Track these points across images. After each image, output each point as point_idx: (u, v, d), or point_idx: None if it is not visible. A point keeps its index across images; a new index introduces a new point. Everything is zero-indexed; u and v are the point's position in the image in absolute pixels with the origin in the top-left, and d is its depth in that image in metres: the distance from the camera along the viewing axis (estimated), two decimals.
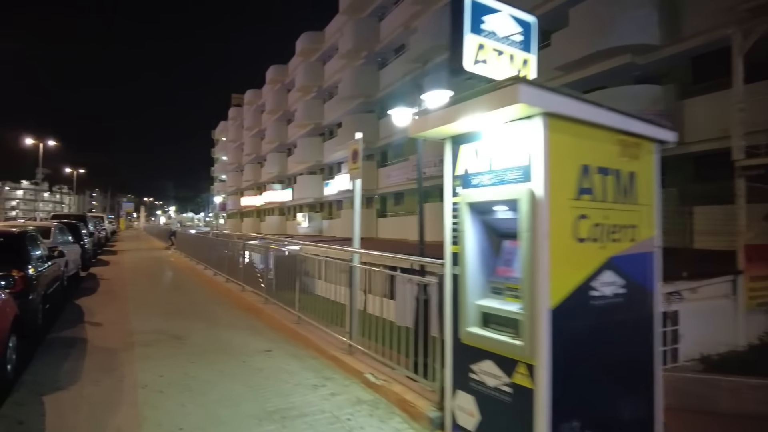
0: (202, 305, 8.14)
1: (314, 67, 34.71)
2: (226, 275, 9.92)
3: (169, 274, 12.95)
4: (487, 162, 2.88)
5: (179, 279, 11.82)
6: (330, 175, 34.13)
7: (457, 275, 3.08)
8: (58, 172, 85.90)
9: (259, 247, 9.09)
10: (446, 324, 3.18)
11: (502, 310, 2.83)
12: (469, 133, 3.02)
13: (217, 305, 8.11)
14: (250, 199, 48.80)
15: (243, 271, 8.86)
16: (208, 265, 12.03)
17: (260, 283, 7.87)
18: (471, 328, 2.96)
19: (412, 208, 24.60)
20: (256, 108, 48.59)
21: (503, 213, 2.89)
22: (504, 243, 3.04)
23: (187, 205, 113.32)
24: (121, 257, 18.72)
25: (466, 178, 3.05)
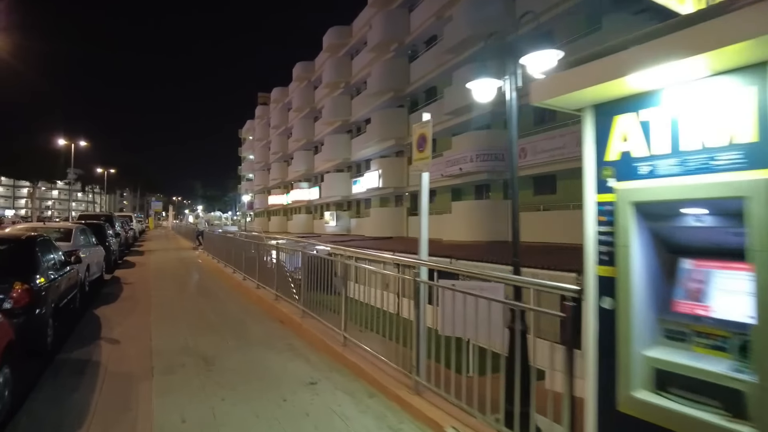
0: (233, 316, 7.31)
1: (342, 63, 33.90)
2: (256, 280, 9.10)
3: (196, 278, 12.24)
4: (669, 139, 1.88)
5: (206, 283, 11.08)
6: (358, 172, 33.33)
7: (612, 311, 2.07)
8: (90, 173, 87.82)
9: (292, 250, 8.22)
10: (589, 381, 2.18)
11: (695, 369, 1.81)
12: (634, 96, 2.01)
13: (248, 316, 7.27)
14: (277, 198, 48.43)
15: (276, 276, 8.00)
16: (237, 268, 11.26)
17: (295, 293, 6.99)
18: (637, 393, 1.95)
19: (443, 206, 23.54)
20: (282, 106, 48.15)
21: (694, 218, 1.88)
22: (681, 263, 2.02)
23: (215, 204, 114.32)
24: (148, 258, 18.22)
25: (627, 165, 2.04)
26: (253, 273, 9.50)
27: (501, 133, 19.21)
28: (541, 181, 18.56)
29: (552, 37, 16.55)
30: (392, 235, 26.07)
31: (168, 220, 70.72)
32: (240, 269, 10.89)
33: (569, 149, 16.03)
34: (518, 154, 19.74)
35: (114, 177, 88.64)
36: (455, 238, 19.84)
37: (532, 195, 18.98)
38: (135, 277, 12.24)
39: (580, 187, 2.21)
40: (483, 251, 14.76)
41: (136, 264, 15.71)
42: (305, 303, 6.47)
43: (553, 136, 16.62)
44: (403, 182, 25.91)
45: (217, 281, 11.38)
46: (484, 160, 18.77)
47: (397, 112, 26.48)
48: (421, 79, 24.55)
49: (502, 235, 18.86)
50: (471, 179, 20.34)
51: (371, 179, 27.10)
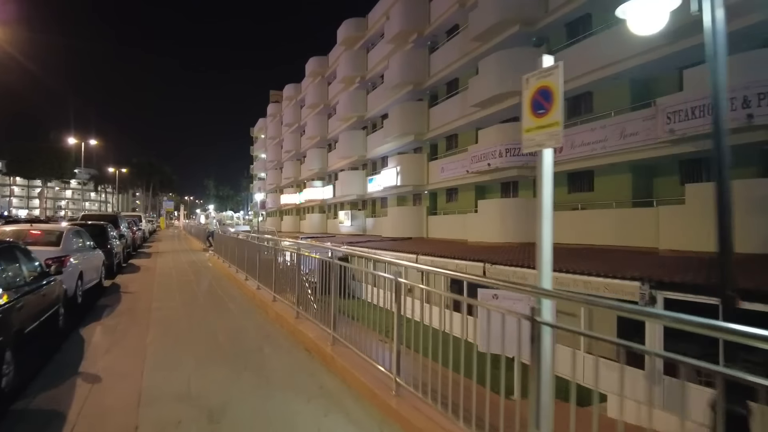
0: (248, 340, 6.02)
1: (357, 56, 32.61)
2: (273, 292, 7.83)
3: (205, 286, 11.00)
4: None
5: (216, 293, 9.84)
6: (374, 170, 32.03)
7: None
8: (103, 172, 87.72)
9: (318, 256, 6.92)
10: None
11: None
12: None
13: (267, 340, 5.96)
14: (289, 197, 47.32)
15: (297, 290, 6.71)
16: (250, 275, 10.02)
17: (323, 311, 5.70)
18: None
19: (467, 205, 22.17)
20: (295, 103, 47.03)
21: None
22: None
23: (227, 204, 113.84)
24: (155, 261, 17.10)
25: None
26: (268, 281, 8.25)
27: None
28: (576, 177, 17.10)
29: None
30: (411, 236, 24.74)
31: (180, 219, 70.09)
32: (253, 276, 9.65)
33: (612, 142, 14.57)
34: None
35: (126, 177, 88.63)
36: (482, 239, 18.46)
37: (566, 193, 17.54)
38: (138, 284, 11.05)
39: (620, 184, 1.00)
40: (521, 255, 13.37)
41: (141, 268, 14.57)
42: (335, 326, 5.18)
43: (593, 128, 15.16)
44: (423, 180, 24.54)
45: (227, 290, 10.14)
46: (514, 154, 17.35)
47: (417, 105, 25.10)
48: (443, 70, 23.16)
49: (533, 236, 17.40)
50: (498, 176, 18.93)
51: (389, 177, 25.78)
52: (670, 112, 12.19)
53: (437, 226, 23.80)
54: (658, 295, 8.86)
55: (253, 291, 9.00)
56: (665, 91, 13.85)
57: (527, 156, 17.22)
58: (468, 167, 19.30)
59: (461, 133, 22.79)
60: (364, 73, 32.13)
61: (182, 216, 70.48)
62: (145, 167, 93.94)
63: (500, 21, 17.77)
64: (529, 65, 3.71)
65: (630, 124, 13.96)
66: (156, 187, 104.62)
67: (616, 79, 15.27)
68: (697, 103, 11.51)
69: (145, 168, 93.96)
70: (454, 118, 22.12)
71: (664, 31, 4.01)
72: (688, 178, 13.84)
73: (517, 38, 18.13)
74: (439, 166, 23.18)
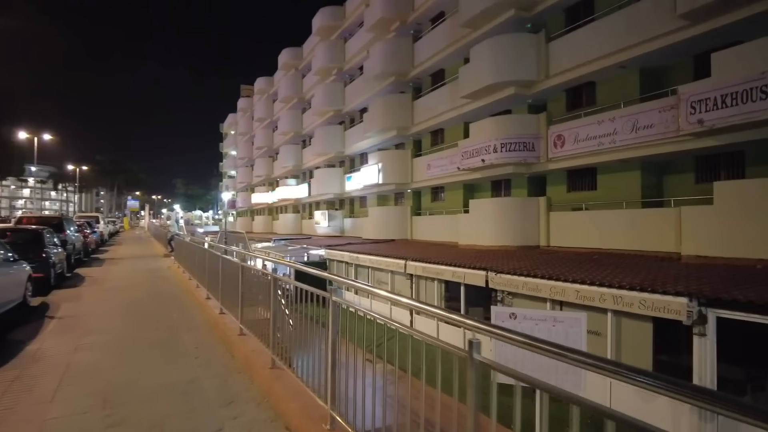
0: (201, 412, 4.13)
1: (334, 47, 30.69)
2: (239, 321, 5.97)
3: (157, 307, 8.93)
4: None
5: (169, 319, 7.84)
6: (352, 167, 30.22)
7: None
8: (63, 170, 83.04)
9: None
10: None
11: None
12: None
13: (229, 416, 4.06)
14: (261, 196, 45.00)
15: (273, 327, 4.80)
16: (212, 293, 8.13)
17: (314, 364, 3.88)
18: None
19: (454, 205, 20.62)
20: (267, 97, 44.76)
21: None
22: None
23: (196, 203, 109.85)
24: (107, 270, 14.93)
25: None
26: (233, 305, 6.37)
27: (530, 118, 16.32)
28: (576, 175, 15.71)
29: None
30: (395, 238, 23.05)
31: (145, 219, 66.67)
32: (215, 295, 7.76)
33: (622, 136, 13.18)
34: (553, 143, 16.96)
35: (90, 175, 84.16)
36: (475, 242, 16.90)
37: (565, 192, 16.14)
38: (74, 304, 9.00)
39: (628, 183, 0.38)
40: (526, 261, 11.81)
41: (87, 280, 12.44)
42: (333, 396, 3.38)
43: (600, 121, 13.75)
44: (407, 178, 22.86)
45: (185, 313, 8.20)
46: (511, 149, 15.83)
47: (400, 98, 23.36)
48: (428, 60, 21.50)
49: (532, 239, 16.00)
50: (492, 173, 17.40)
51: (369, 175, 24.00)
52: (695, 101, 10.81)
53: (423, 228, 22.17)
54: (709, 313, 7.38)
55: (215, 317, 7.10)
56: (679, 81, 12.56)
57: (526, 151, 15.76)
58: (459, 164, 17.70)
59: (449, 128, 21.22)
60: (342, 64, 30.26)
61: (147, 216, 66.94)
62: (110, 165, 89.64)
63: (493, 5, 16.22)
64: (525, 53, 2.60)
65: (644, 116, 12.57)
66: (122, 186, 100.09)
67: (623, 68, 13.89)
68: (730, 90, 10.14)
69: (110, 166, 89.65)
70: (441, 111, 20.51)
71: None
72: (705, 176, 12.56)
73: (511, 24, 16.62)
74: (425, 163, 21.53)
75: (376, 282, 17.14)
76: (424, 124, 21.90)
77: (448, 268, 12.33)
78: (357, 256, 17.71)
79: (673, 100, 11.76)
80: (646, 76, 13.77)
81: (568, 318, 7.75)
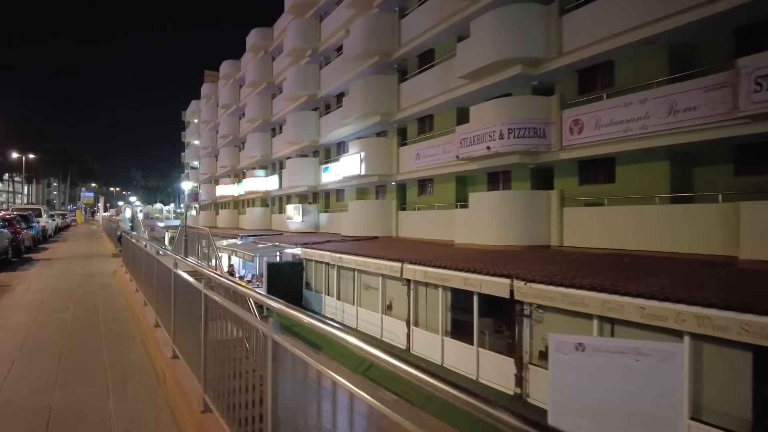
0: None
1: (308, 25, 28.12)
2: (200, 384, 3.64)
3: (85, 340, 6.35)
4: None
5: (96, 363, 5.34)
6: (327, 157, 27.80)
7: None
8: (6, 158, 76.87)
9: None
10: None
11: None
12: None
13: None
14: (226, 188, 41.92)
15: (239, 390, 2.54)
16: (161, 318, 5.72)
17: None
18: None
19: (444, 199, 18.61)
20: (233, 82, 41.62)
21: None
22: None
23: (157, 195, 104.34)
24: (38, 273, 12.19)
25: None
26: (190, 351, 4.04)
27: (540, 100, 14.38)
28: (590, 166, 13.91)
29: None
30: (378, 235, 20.85)
31: (100, 213, 62.12)
32: (166, 324, 5.35)
33: (656, 120, 11.37)
34: (569, 129, 15.07)
35: (38, 164, 78.18)
36: (474, 240, 14.90)
37: (576, 185, 14.32)
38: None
39: (654, 175, 0.49)
40: (551, 265, 9.81)
41: (6, 290, 9.71)
42: None
43: (628, 103, 11.91)
44: (392, 169, 20.65)
45: (122, 349, 5.75)
46: (519, 135, 13.86)
47: (384, 80, 21.05)
48: (416, 38, 19.31)
49: (541, 238, 14.11)
50: (489, 164, 15.41)
51: (350, 165, 21.65)
52: (762, 75, 9.03)
53: (410, 224, 20.05)
54: None
55: (164, 362, 4.70)
56: (712, 60, 10.91)
57: (536, 137, 13.82)
58: (457, 152, 15.60)
59: (439, 114, 19.13)
60: (317, 44, 27.73)
61: (101, 209, 62.40)
62: (61, 155, 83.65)
63: None
64: (535, 27, 1.31)
65: (685, 96, 10.77)
66: (75, 177, 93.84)
67: (649, 44, 12.09)
68: None
69: (61, 155, 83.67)
70: (431, 95, 18.37)
71: None
72: (749, 167, 10.89)
73: None
74: (413, 152, 19.37)
75: (364, 287, 14.92)
76: (411, 109, 19.73)
77: (458, 274, 10.22)
78: (340, 256, 15.43)
79: (724, 77, 9.99)
80: (676, 53, 12.02)
81: (657, 351, 5.68)
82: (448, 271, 10.47)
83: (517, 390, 9.52)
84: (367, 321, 14.49)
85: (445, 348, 11.31)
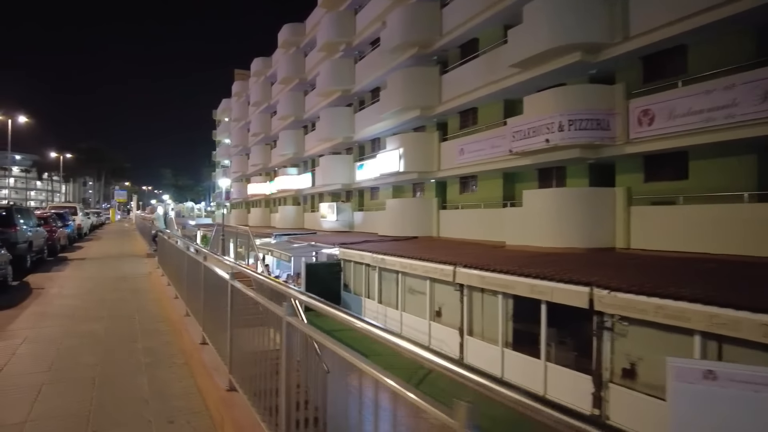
0: None
1: (342, 18, 27.27)
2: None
3: (116, 370, 5.39)
4: None
5: (134, 407, 4.50)
6: (361, 155, 26.96)
7: None
8: (45, 158, 78.92)
9: None
10: None
11: None
12: None
13: None
14: (258, 187, 41.57)
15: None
16: (210, 335, 4.88)
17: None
18: None
19: (489, 197, 17.53)
20: (264, 79, 41.20)
21: None
22: None
23: (187, 194, 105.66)
24: (69, 276, 11.68)
25: None
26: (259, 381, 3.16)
27: (603, 89, 13.16)
28: (658, 162, 12.64)
29: None
30: (417, 235, 19.88)
31: (132, 211, 62.94)
32: (217, 341, 4.51)
33: (745, 108, 10.07)
34: (637, 120, 13.79)
35: (74, 163, 79.93)
36: (529, 242, 13.78)
37: (641, 182, 13.06)
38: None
39: (738, 170, 0.54)
40: (629, 270, 8.66)
41: (31, 295, 9.12)
42: None
43: (710, 90, 10.62)
44: (433, 165, 19.64)
45: (163, 372, 4.94)
46: (580, 127, 12.68)
47: (425, 72, 19.99)
48: (459, 27, 18.25)
49: (604, 239, 12.90)
50: (542, 159, 14.26)
51: (388, 162, 20.73)
52: None
53: (452, 223, 18.99)
54: None
55: (219, 397, 3.84)
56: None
57: (599, 130, 12.62)
58: (510, 146, 14.48)
59: (483, 106, 18.03)
60: (351, 38, 26.87)
61: (135, 207, 63.22)
62: (94, 154, 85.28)
63: None
64: (597, 10, 0.69)
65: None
66: (108, 176, 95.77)
67: (733, 24, 10.77)
68: None
69: (94, 154, 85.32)
70: (476, 87, 17.27)
71: None
72: None
73: None
74: (456, 147, 18.31)
75: (409, 290, 13.99)
76: (453, 102, 18.67)
77: (524, 281, 9.17)
78: (382, 257, 14.52)
79: None
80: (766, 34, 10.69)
81: None
82: (512, 277, 9.42)
83: (595, 411, 8.44)
84: (412, 327, 13.54)
85: (506, 360, 10.27)
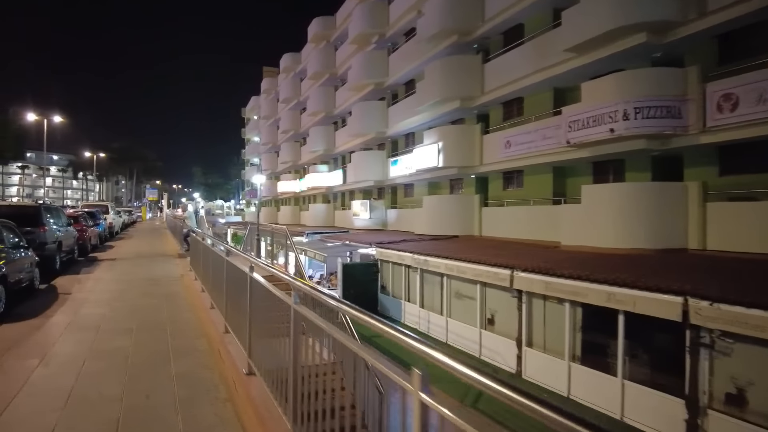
0: None
1: (375, 9, 26.29)
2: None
3: (146, 403, 4.53)
4: None
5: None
6: (394, 150, 25.95)
7: None
8: (79, 157, 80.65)
9: None
10: None
11: None
12: None
13: None
14: (287, 184, 41.05)
15: None
16: (253, 362, 3.99)
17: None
18: None
19: (535, 193, 16.32)
20: (294, 75, 40.58)
21: None
22: None
23: (216, 192, 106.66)
24: (97, 279, 11.06)
25: None
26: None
27: (673, 73, 11.82)
28: (736, 152, 11.26)
29: None
30: (458, 234, 18.79)
31: (163, 210, 63.47)
32: (268, 370, 3.62)
33: None
34: (716, 106, 12.36)
35: (106, 163, 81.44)
36: (589, 242, 12.57)
37: (715, 175, 11.69)
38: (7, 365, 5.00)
39: None
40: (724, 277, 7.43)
41: (58, 300, 8.47)
42: None
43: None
44: (475, 159, 18.49)
45: (203, 409, 4.08)
46: (648, 116, 11.40)
47: (465, 60, 18.81)
48: (503, 13, 17.04)
49: (676, 239, 11.58)
50: (601, 150, 13.00)
51: (425, 157, 19.67)
52: None
53: (496, 221, 17.83)
54: None
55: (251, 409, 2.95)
56: None
57: (669, 118, 11.31)
58: (566, 137, 13.26)
59: (530, 96, 16.80)
60: (384, 29, 25.88)
61: (165, 206, 63.75)
62: (126, 153, 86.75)
63: None
64: None
65: None
66: (140, 174, 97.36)
67: None
68: None
69: (126, 153, 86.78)
70: (523, 75, 16.06)
71: None
72: None
73: None
74: (501, 140, 17.13)
75: (455, 295, 12.93)
76: (497, 92, 17.48)
77: (600, 288, 8.02)
78: (425, 258, 13.50)
79: None
80: None
81: None
82: (584, 283, 8.29)
83: None
84: (460, 335, 12.50)
85: (573, 376, 9.14)
